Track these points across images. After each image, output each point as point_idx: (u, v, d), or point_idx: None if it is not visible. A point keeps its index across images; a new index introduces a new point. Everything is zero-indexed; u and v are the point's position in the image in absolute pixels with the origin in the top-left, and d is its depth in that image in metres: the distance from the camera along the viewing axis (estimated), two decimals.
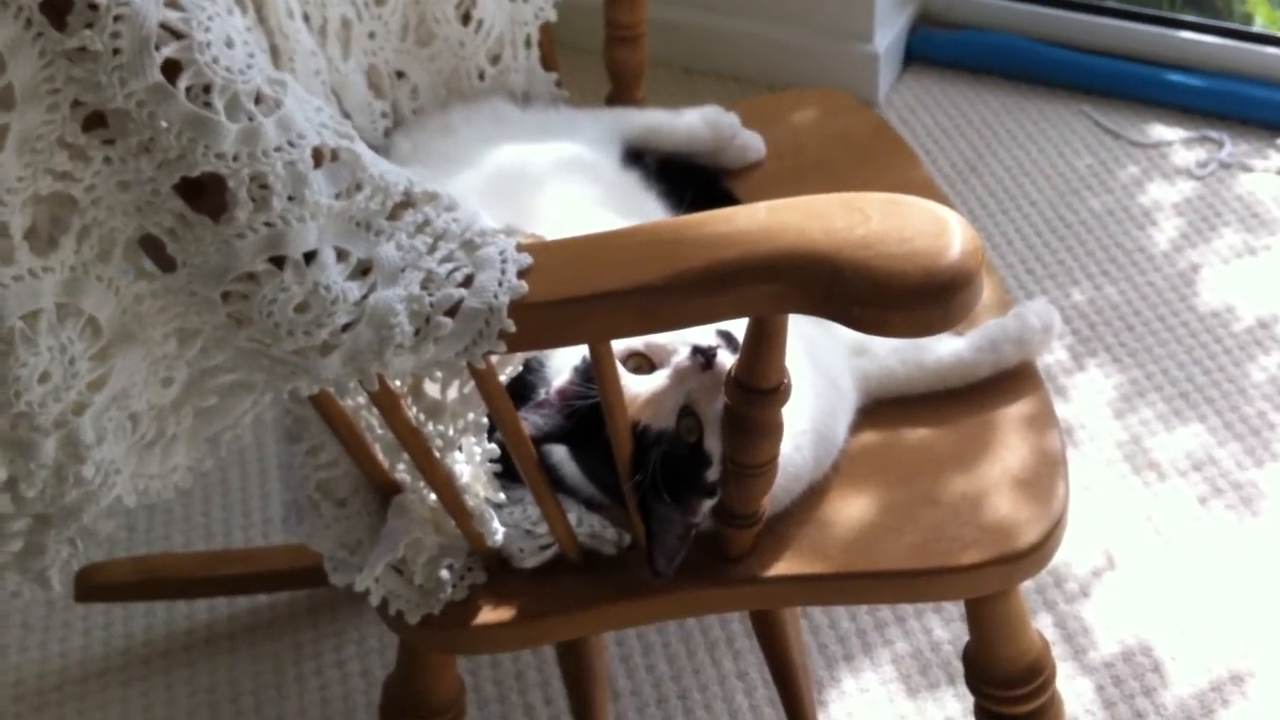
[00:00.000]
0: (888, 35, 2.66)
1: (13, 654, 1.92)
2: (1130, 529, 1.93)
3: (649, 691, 1.80)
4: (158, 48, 0.85)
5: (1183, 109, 2.56)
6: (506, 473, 1.17)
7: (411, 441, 1.11)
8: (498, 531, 1.18)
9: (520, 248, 0.99)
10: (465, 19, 1.53)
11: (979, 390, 1.32)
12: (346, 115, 1.47)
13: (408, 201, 0.97)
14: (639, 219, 1.39)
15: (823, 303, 0.94)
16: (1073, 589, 1.86)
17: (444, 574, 1.21)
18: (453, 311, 0.96)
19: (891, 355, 1.32)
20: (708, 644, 1.85)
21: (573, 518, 1.21)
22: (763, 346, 1.02)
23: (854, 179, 1.57)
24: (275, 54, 1.34)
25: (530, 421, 1.13)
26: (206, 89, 0.87)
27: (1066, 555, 1.89)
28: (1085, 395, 2.10)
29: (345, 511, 1.23)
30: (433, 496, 1.18)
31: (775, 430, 1.09)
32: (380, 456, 1.18)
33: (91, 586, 1.91)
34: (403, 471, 1.20)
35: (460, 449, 1.14)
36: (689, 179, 1.55)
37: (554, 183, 1.41)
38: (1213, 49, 2.57)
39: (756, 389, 1.05)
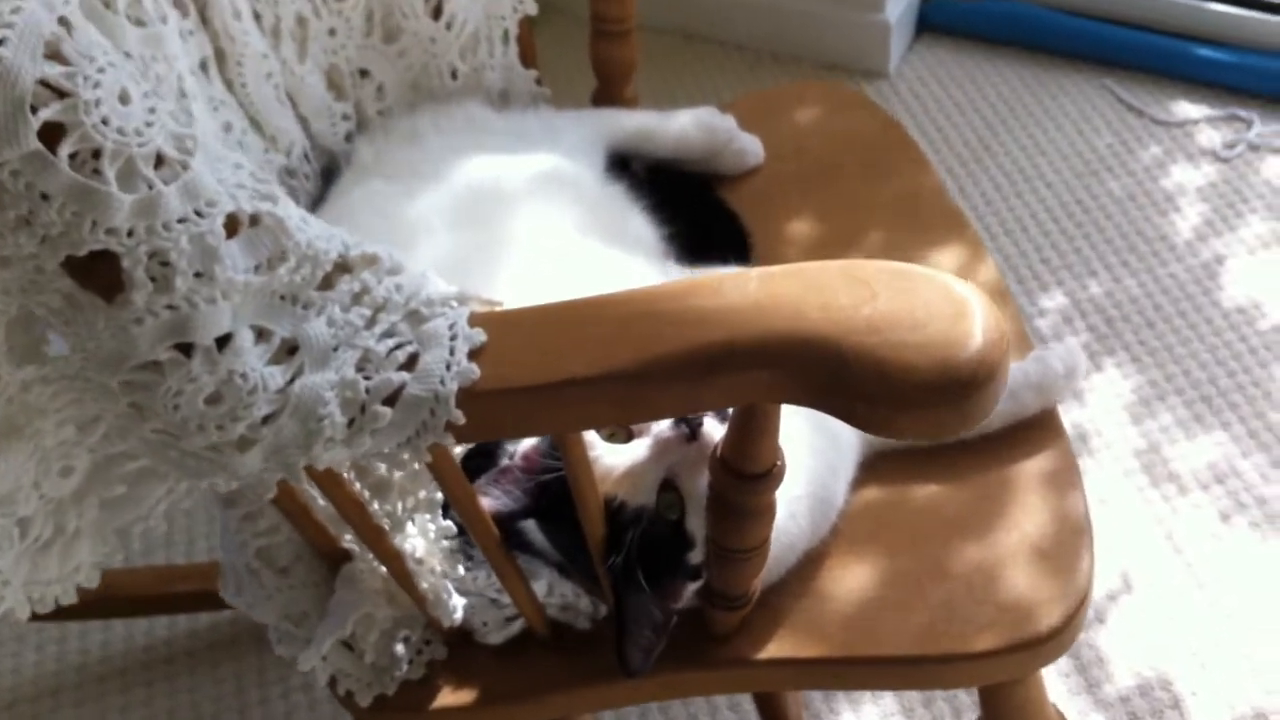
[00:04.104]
0: (899, 3, 2.54)
1: None
2: (1148, 548, 1.82)
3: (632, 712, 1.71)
4: (34, 110, 0.72)
5: (1210, 85, 2.44)
6: (467, 534, 1.05)
7: (357, 519, 0.98)
8: (456, 610, 1.07)
9: (474, 320, 0.85)
10: (436, 13, 1.39)
11: (994, 441, 1.20)
12: (303, 120, 1.34)
13: (344, 266, 0.84)
14: (623, 241, 1.27)
15: (822, 396, 0.81)
16: (1088, 615, 1.75)
17: (399, 648, 1.09)
18: (392, 399, 0.83)
19: None
20: None
21: (543, 586, 1.09)
22: (753, 431, 0.90)
23: (860, 187, 1.45)
24: (221, 58, 1.22)
25: (493, 496, 1.01)
26: (95, 154, 0.74)
27: None
28: (1102, 399, 1.98)
29: (288, 581, 1.10)
30: (384, 568, 1.05)
31: (766, 513, 0.97)
32: (325, 524, 1.06)
33: None
34: (350, 541, 1.08)
35: (414, 522, 1.02)
36: (680, 188, 1.42)
37: (529, 202, 1.27)
38: (1243, 22, 2.45)
39: (746, 473, 0.93)
